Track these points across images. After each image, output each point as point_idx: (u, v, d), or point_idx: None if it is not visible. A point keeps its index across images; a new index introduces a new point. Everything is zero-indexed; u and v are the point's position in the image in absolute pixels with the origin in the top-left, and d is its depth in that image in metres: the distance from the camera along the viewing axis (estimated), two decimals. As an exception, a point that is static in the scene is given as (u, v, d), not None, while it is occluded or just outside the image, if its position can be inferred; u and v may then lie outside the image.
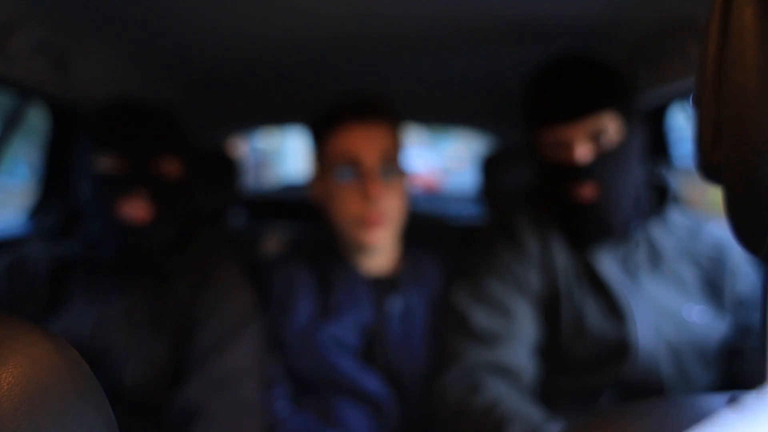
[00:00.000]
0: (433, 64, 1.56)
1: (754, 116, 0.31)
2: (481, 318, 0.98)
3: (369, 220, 1.02)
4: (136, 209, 0.97)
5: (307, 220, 1.66)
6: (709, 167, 0.35)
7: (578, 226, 1.01)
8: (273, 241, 1.58)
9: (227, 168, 1.62)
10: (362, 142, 1.03)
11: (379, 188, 1.01)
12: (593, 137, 0.95)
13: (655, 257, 1.03)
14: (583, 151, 0.94)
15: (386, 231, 1.05)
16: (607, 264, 1.03)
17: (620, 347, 0.95)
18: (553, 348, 1.01)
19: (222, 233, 1.65)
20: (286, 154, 9.31)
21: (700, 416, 0.34)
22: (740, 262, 1.03)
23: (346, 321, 1.04)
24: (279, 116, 2.32)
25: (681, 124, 1.49)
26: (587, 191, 0.96)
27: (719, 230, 1.05)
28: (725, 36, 0.33)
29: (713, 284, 1.01)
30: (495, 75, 1.68)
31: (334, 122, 1.05)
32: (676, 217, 1.11)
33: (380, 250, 1.09)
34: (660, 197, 1.06)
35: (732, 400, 0.35)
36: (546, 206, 1.09)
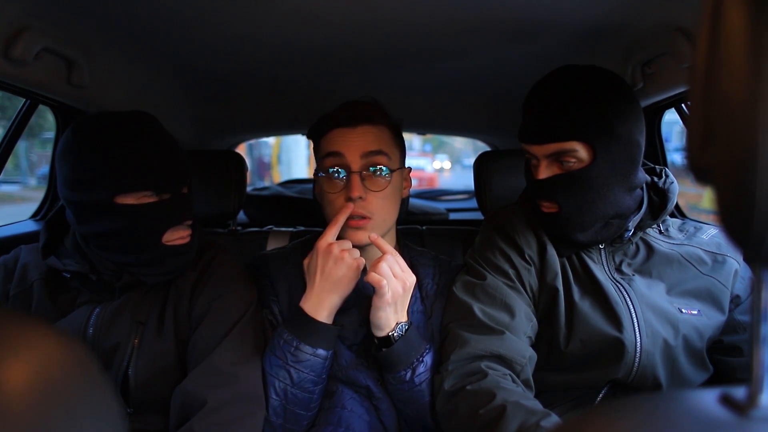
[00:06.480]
0: (434, 71, 1.57)
1: (741, 118, 0.32)
2: (484, 311, 1.00)
3: (350, 222, 1.05)
4: (181, 234, 1.02)
5: (309, 216, 1.67)
6: (699, 169, 0.36)
7: (549, 233, 1.06)
8: (277, 240, 1.59)
9: (235, 169, 1.63)
10: (347, 144, 1.06)
11: (360, 189, 1.03)
12: (557, 159, 0.98)
13: (652, 260, 1.04)
14: (544, 171, 0.99)
15: (369, 231, 1.06)
16: (602, 265, 1.04)
17: (615, 346, 0.96)
18: (549, 346, 1.03)
19: (228, 233, 1.67)
20: (290, 151, 9.28)
21: (691, 411, 0.35)
22: (737, 263, 1.03)
23: (343, 316, 1.06)
24: (283, 125, 2.31)
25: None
26: (546, 207, 1.02)
27: (717, 232, 1.06)
28: (715, 40, 0.34)
29: (710, 286, 1.01)
30: (492, 82, 1.68)
31: (324, 126, 1.10)
32: (673, 220, 1.12)
33: (371, 248, 1.09)
34: (660, 200, 1.07)
35: (723, 396, 0.35)
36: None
